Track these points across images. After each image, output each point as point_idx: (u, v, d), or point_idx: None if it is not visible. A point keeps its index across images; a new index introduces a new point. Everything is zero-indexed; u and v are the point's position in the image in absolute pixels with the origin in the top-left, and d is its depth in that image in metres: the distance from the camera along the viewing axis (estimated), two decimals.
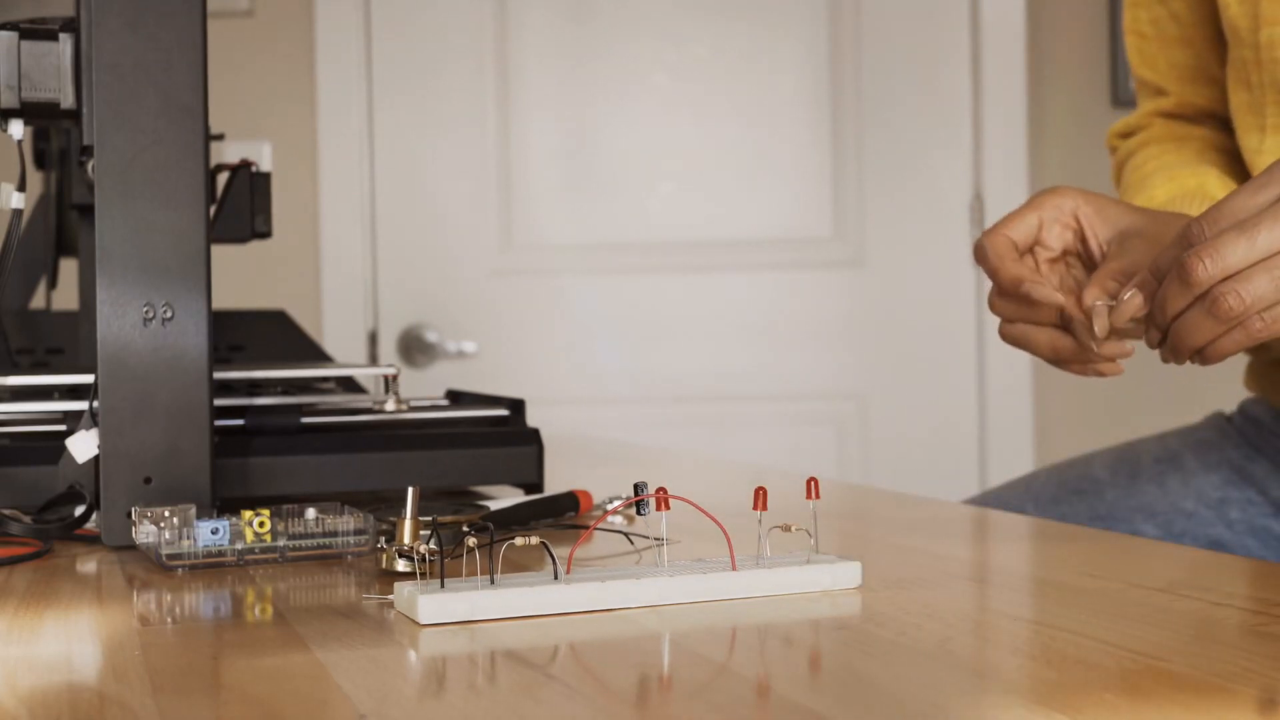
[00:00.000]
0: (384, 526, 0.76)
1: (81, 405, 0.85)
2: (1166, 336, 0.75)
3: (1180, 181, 1.04)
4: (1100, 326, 0.78)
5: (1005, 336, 0.85)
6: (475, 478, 0.93)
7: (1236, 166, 1.07)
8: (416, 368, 2.40)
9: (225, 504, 0.79)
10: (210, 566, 0.70)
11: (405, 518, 0.66)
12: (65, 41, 0.76)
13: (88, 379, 0.78)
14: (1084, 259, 0.87)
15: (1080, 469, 1.16)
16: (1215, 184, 1.02)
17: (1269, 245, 0.69)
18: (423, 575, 0.60)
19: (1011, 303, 0.83)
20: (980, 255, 0.84)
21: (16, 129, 0.78)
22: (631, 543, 0.76)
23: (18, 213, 0.80)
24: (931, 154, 2.43)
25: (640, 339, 2.41)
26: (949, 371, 2.44)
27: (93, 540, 0.79)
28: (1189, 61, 1.11)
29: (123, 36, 0.75)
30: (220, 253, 0.90)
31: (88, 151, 0.76)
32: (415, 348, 2.41)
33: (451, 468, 0.91)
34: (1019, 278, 0.82)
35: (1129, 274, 0.81)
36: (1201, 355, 0.74)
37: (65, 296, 1.29)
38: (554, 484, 0.99)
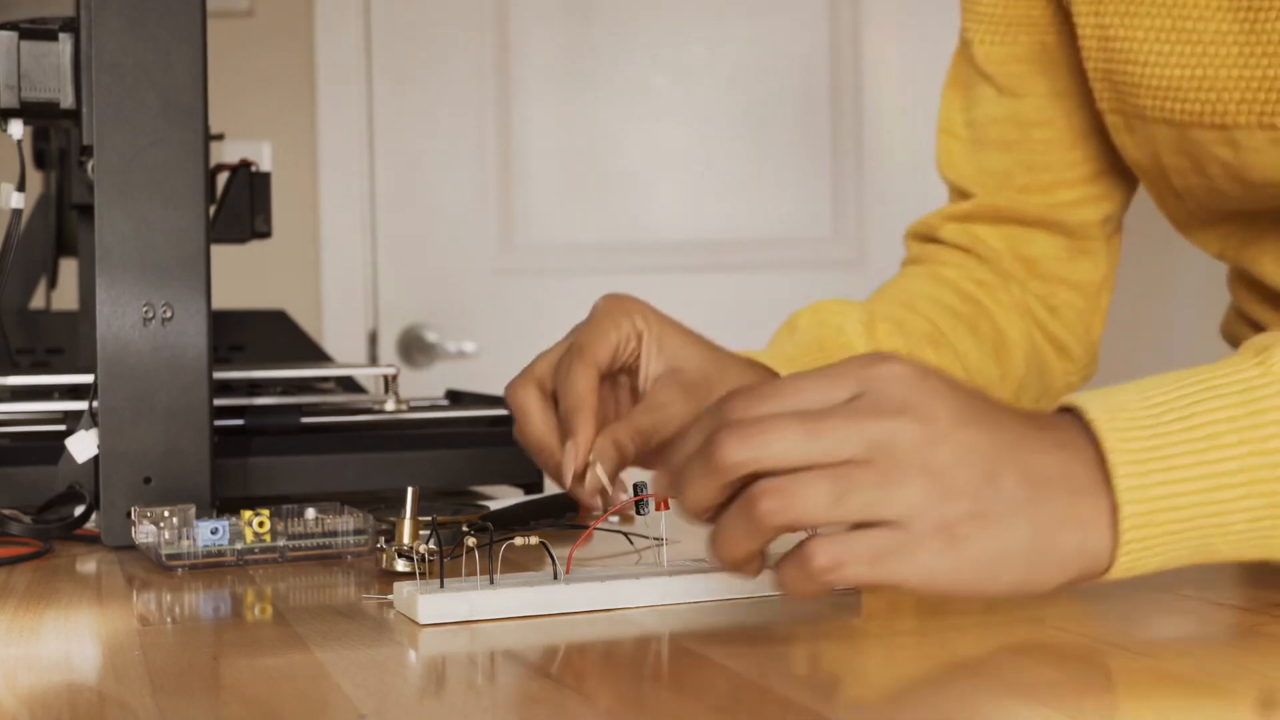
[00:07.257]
0: (384, 526, 0.76)
1: (81, 405, 0.85)
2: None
3: (821, 317, 0.92)
4: (591, 483, 0.71)
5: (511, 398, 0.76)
6: (475, 478, 0.93)
7: (961, 309, 0.97)
8: (416, 368, 2.40)
9: (225, 504, 0.79)
10: (210, 566, 0.70)
11: (405, 518, 0.66)
12: (65, 41, 0.76)
13: (88, 379, 0.78)
14: (632, 388, 0.77)
15: None
16: (855, 333, 0.90)
17: (831, 451, 0.49)
18: (422, 575, 0.60)
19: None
20: (510, 397, 0.75)
21: (16, 129, 0.78)
22: (631, 543, 0.76)
23: (18, 213, 0.80)
24: (931, 154, 2.42)
25: None
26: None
27: (93, 540, 0.78)
28: (1005, 168, 1.00)
29: (123, 36, 0.75)
30: (220, 253, 0.90)
31: (88, 151, 0.76)
32: (415, 348, 2.41)
33: (451, 468, 0.91)
34: (549, 448, 0.73)
35: (650, 434, 0.72)
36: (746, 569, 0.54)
37: (65, 296, 1.29)
38: (554, 484, 0.99)
